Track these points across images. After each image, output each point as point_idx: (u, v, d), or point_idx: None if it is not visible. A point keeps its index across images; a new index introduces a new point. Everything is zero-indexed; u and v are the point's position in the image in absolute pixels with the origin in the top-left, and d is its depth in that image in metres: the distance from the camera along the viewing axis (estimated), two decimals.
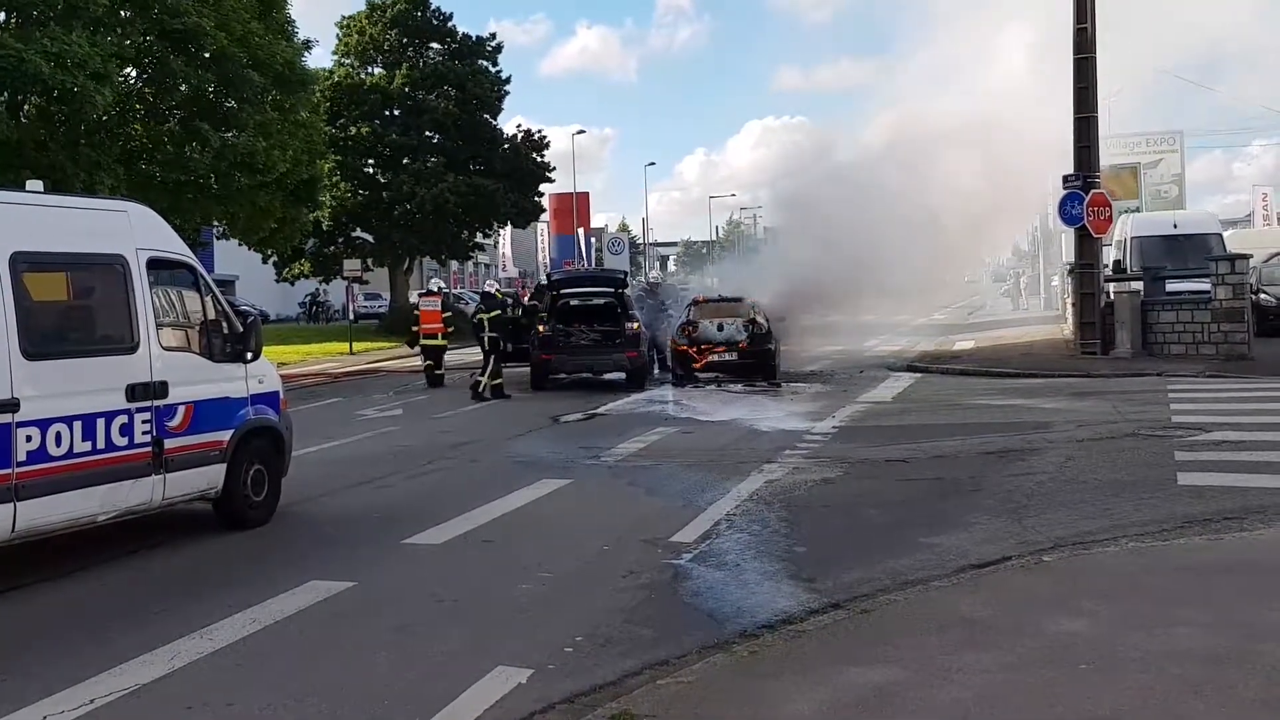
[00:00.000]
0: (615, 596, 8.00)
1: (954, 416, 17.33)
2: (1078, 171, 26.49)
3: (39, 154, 22.59)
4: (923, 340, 35.92)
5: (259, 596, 8.03)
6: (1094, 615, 6.92)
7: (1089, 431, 14.77)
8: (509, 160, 48.40)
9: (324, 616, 7.69)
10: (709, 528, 10.06)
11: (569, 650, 6.84)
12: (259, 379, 10.78)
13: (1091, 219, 26.05)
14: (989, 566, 8.37)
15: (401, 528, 10.21)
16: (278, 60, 27.02)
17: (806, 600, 7.77)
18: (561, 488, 12.25)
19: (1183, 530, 9.21)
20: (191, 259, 10.37)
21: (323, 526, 10.73)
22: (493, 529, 10.28)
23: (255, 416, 10.64)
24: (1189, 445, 13.26)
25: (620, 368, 23.56)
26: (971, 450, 13.78)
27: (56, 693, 6.22)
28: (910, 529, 9.74)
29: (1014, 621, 6.88)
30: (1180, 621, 6.71)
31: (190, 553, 9.69)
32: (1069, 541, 9.01)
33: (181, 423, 9.70)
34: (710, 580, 8.44)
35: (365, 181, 47.42)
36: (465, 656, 6.76)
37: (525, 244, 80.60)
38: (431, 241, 48.16)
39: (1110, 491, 10.92)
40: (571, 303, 24.97)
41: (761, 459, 13.60)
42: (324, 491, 12.26)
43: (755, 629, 7.19)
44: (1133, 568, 8.11)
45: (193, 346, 10.24)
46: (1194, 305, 24.91)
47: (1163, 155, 56.22)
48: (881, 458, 13.57)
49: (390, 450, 15.38)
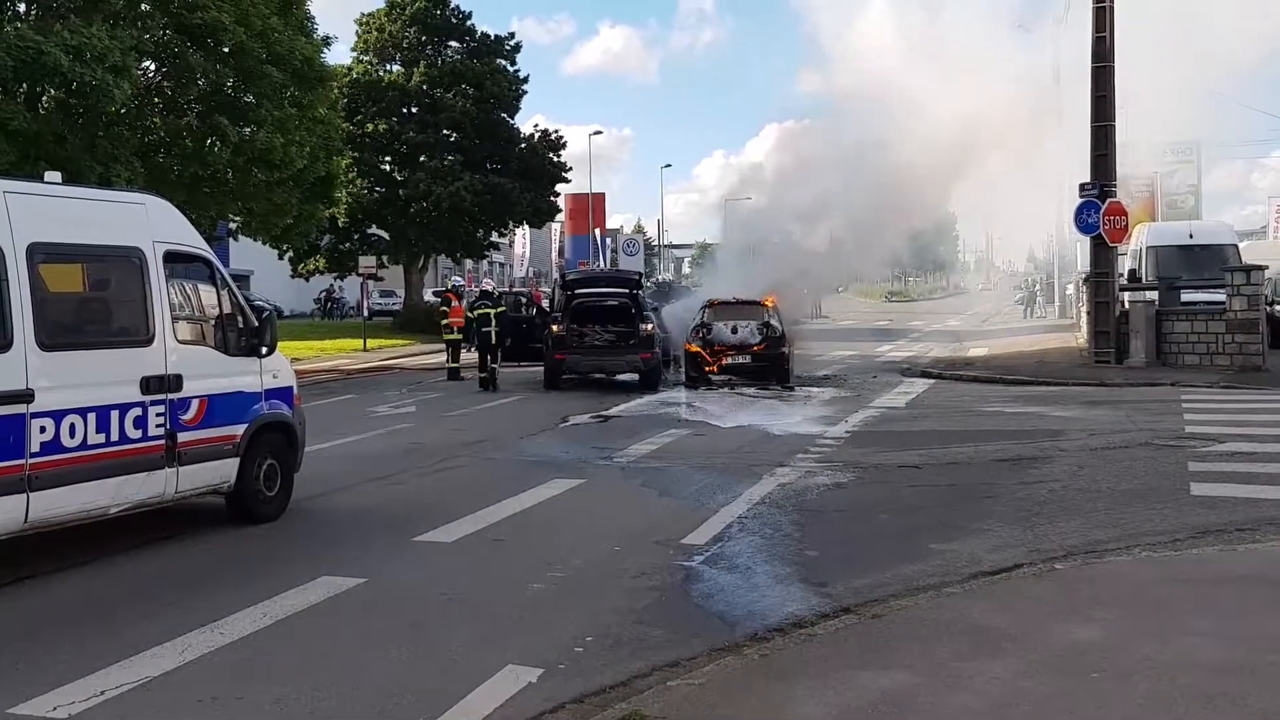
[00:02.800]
0: (626, 597, 7.99)
1: (967, 423, 17.29)
2: (1094, 180, 26.43)
3: (57, 146, 22.60)
4: (936, 346, 35.90)
5: (270, 591, 8.03)
6: (1105, 624, 6.89)
7: (1102, 440, 14.71)
8: (525, 160, 48.38)
9: (335, 612, 7.70)
10: (720, 530, 10.04)
11: (579, 650, 6.83)
12: (273, 374, 10.79)
13: (1107, 228, 25.99)
14: (1001, 574, 8.34)
15: (413, 525, 10.21)
16: (296, 56, 27.01)
17: (817, 604, 7.75)
18: (574, 488, 12.24)
19: (1195, 541, 9.18)
20: (208, 253, 10.39)
21: (335, 522, 10.75)
22: (504, 528, 10.28)
23: (269, 411, 10.66)
24: (1202, 456, 13.20)
25: (634, 369, 23.55)
26: (984, 457, 13.74)
27: (67, 684, 6.23)
28: (922, 535, 9.72)
29: (1025, 629, 6.85)
30: (1192, 631, 6.68)
31: (202, 546, 9.70)
32: (1081, 550, 8.97)
33: (195, 416, 9.71)
34: (721, 582, 8.43)
35: (382, 179, 47.46)
36: (475, 654, 6.76)
37: (541, 244, 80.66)
38: (447, 240, 48.16)
39: (1123, 501, 10.88)
40: (586, 303, 24.96)
41: (774, 462, 13.57)
42: (336, 487, 12.27)
43: (766, 632, 7.18)
44: (1145, 577, 8.08)
45: (208, 340, 10.26)
46: (1209, 316, 24.83)
47: (1179, 166, 56.03)
48: (894, 463, 13.54)
49: (403, 447, 15.39)
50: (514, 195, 46.79)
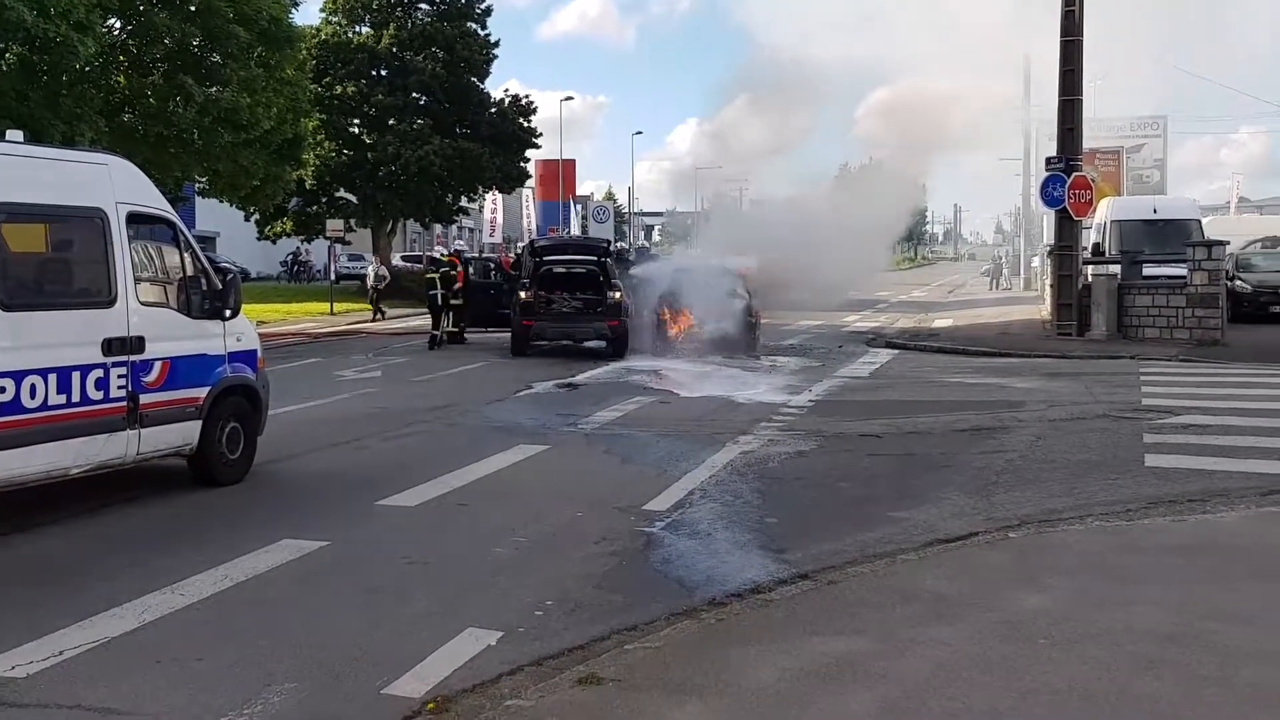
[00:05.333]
0: (587, 562, 8.05)
1: (929, 393, 17.43)
2: (1061, 154, 26.59)
3: (19, 104, 22.28)
4: (901, 317, 36.06)
5: (231, 554, 8.04)
6: (1056, 591, 7.01)
7: (1061, 412, 14.88)
8: (495, 124, 48.11)
9: (296, 575, 7.72)
10: (682, 497, 10.12)
11: (539, 614, 6.89)
12: (237, 336, 10.77)
13: (1073, 201, 26.18)
14: (956, 541, 8.44)
15: (376, 489, 10.23)
16: (264, 16, 26.70)
17: (775, 570, 7.84)
18: (538, 454, 12.28)
19: (1147, 511, 9.32)
20: (172, 214, 10.32)
21: (297, 486, 10.75)
22: (467, 493, 10.31)
23: (232, 374, 10.63)
24: (1158, 428, 13.37)
25: (601, 336, 23.56)
26: (944, 427, 13.87)
27: (26, 643, 6.24)
28: (880, 503, 9.83)
29: (977, 596, 6.96)
30: (1140, 600, 6.81)
31: (163, 509, 9.68)
32: (1035, 519, 9.10)
33: (157, 378, 9.68)
34: (681, 549, 8.50)
35: (350, 141, 47.07)
36: (436, 618, 6.80)
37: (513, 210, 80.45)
38: (415, 204, 47.88)
39: (1078, 471, 11.02)
40: (555, 270, 24.91)
41: (737, 430, 13.65)
42: (299, 451, 12.26)
43: (724, 597, 7.26)
44: (1097, 546, 8.21)
45: (171, 302, 10.21)
46: (1170, 290, 25.06)
47: (1145, 140, 56.40)
48: (856, 432, 13.65)
49: (367, 412, 15.37)
50: (483, 160, 46.54)
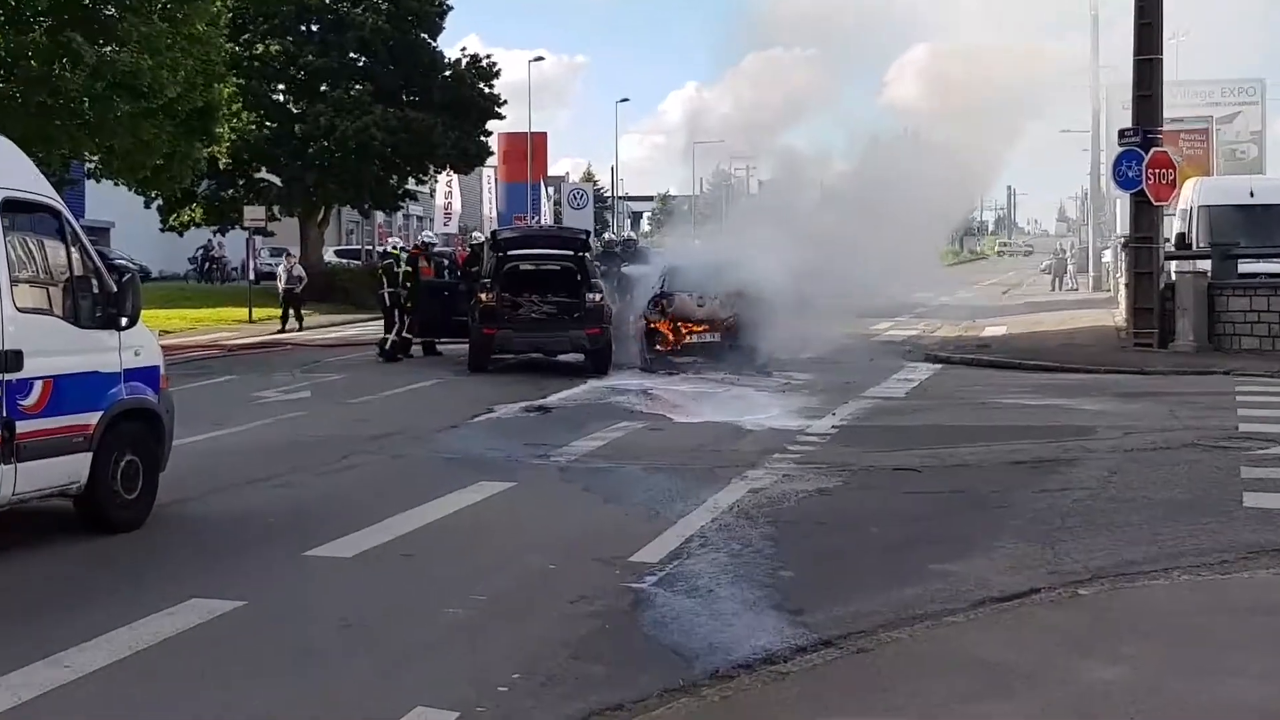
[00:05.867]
0: (561, 626, 8.04)
1: (978, 418, 17.47)
2: (1136, 125, 26.62)
3: None
4: (945, 324, 36.09)
5: (129, 617, 8.00)
6: (1135, 661, 7.02)
7: (1139, 440, 14.90)
8: (450, 91, 48.13)
9: (207, 642, 7.69)
10: (678, 545, 10.10)
11: (503, 690, 6.87)
12: (135, 350, 10.75)
13: (1151, 183, 26.15)
14: (1013, 600, 8.44)
15: (305, 536, 10.20)
16: None
17: (792, 636, 7.83)
18: (501, 492, 12.27)
19: (1247, 562, 9.32)
20: (57, 201, 10.31)
21: (209, 532, 10.72)
22: (416, 540, 10.29)
23: (129, 396, 10.60)
24: (1258, 460, 13.40)
25: (579, 347, 23.48)
26: (997, 459, 13.90)
27: None
28: (920, 553, 9.83)
29: (1040, 666, 6.96)
30: (1236, 671, 6.81)
31: (47, 562, 9.65)
32: (1110, 572, 9.10)
33: (38, 402, 9.64)
34: (677, 609, 8.48)
35: (274, 111, 47.02)
36: (377, 694, 6.78)
37: (471, 194, 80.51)
38: (353, 187, 47.81)
39: (1161, 513, 11.04)
40: (522, 267, 24.84)
41: (745, 464, 13.66)
42: (211, 489, 12.24)
43: (729, 669, 7.24)
44: (1185, 606, 8.22)
45: (55, 309, 10.18)
46: (1271, 291, 25.10)
47: (1240, 108, 56.56)
48: (889, 465, 13.67)
49: (294, 441, 15.37)
50: (435, 133, 46.49)
